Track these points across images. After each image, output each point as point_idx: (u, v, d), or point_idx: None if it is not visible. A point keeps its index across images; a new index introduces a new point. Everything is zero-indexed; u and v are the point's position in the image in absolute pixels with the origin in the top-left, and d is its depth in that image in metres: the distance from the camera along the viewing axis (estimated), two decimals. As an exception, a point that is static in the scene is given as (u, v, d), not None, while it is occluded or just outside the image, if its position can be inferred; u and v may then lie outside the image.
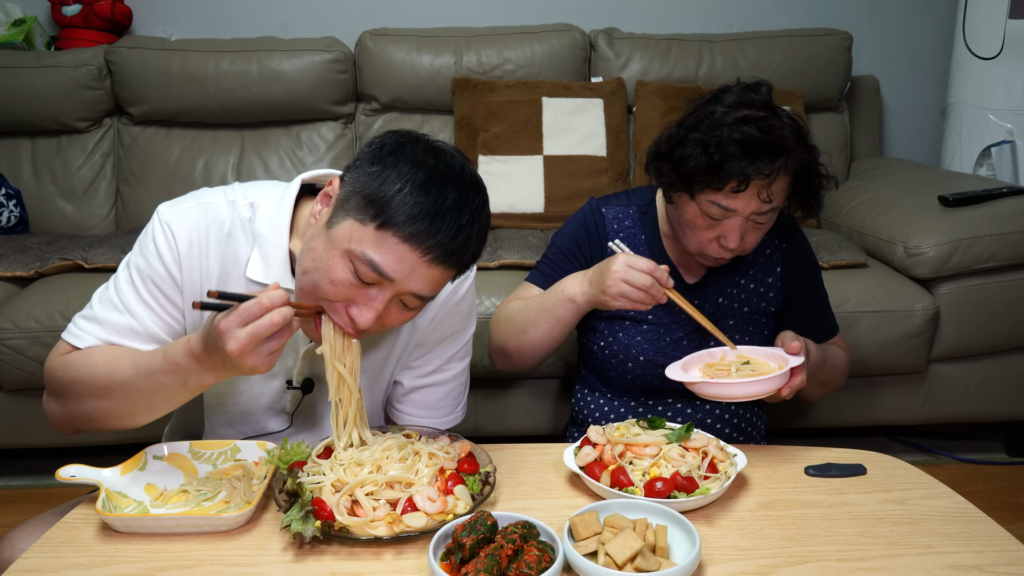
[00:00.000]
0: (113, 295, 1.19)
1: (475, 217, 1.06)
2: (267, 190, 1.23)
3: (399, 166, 1.03)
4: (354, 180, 1.06)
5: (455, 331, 1.34)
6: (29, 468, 2.29)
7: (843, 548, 1.03)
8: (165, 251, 1.16)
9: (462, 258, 1.07)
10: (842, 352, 1.63)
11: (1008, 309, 2.14)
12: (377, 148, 1.07)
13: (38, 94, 2.57)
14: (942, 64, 2.98)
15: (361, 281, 1.04)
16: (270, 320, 0.96)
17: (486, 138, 2.58)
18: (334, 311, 1.08)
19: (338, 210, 1.06)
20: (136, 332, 1.17)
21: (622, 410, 1.57)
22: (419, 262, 1.03)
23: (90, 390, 1.13)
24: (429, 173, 1.03)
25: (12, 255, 2.21)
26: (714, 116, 1.36)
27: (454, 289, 1.29)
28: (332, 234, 1.05)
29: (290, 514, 1.00)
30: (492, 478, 1.14)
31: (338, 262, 1.04)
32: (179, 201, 1.21)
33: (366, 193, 1.03)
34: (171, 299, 1.18)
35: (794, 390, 1.33)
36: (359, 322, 1.06)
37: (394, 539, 1.00)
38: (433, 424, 1.36)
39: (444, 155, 1.07)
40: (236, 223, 1.19)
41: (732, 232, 1.37)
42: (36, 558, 0.99)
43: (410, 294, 1.06)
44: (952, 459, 2.38)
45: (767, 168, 1.31)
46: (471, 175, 1.08)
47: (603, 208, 1.57)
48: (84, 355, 1.15)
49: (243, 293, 0.99)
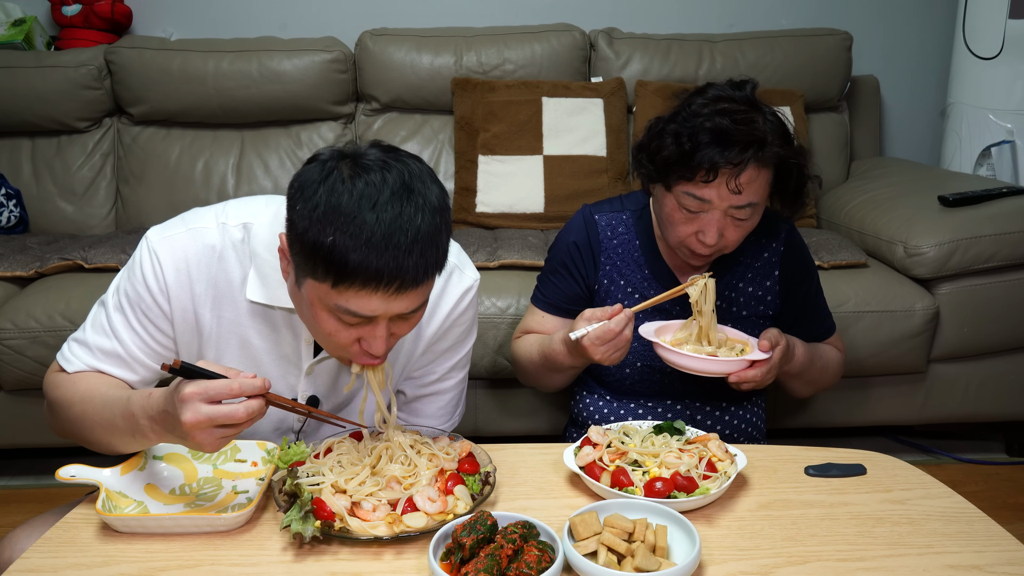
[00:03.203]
0: (103, 320, 1.20)
1: (418, 224, 0.97)
2: (259, 208, 1.20)
3: (322, 211, 0.96)
4: (294, 238, 1.01)
5: (457, 342, 1.34)
6: (29, 468, 2.29)
7: (843, 548, 1.03)
8: (152, 281, 1.16)
9: (428, 272, 1.01)
10: (835, 352, 1.64)
11: (1008, 309, 2.14)
12: (298, 191, 1.00)
13: (38, 94, 2.57)
14: (942, 64, 2.98)
15: (351, 324, 1.03)
16: (232, 411, 0.95)
17: (486, 138, 2.58)
18: (349, 352, 1.08)
19: (297, 270, 1.03)
20: (122, 358, 1.18)
21: (621, 412, 1.57)
22: (388, 297, 0.99)
23: (66, 415, 1.16)
24: (352, 206, 0.96)
25: (12, 255, 2.21)
26: (691, 108, 1.37)
27: (458, 302, 1.29)
28: (304, 294, 1.04)
29: (290, 514, 1.01)
30: (492, 478, 1.14)
31: (322, 317, 1.03)
32: (168, 226, 1.19)
33: (307, 252, 0.98)
34: (159, 327, 1.19)
35: (742, 380, 1.36)
36: (374, 353, 1.06)
37: (394, 539, 1.00)
38: (431, 430, 1.37)
39: (360, 174, 0.98)
40: (227, 246, 1.18)
41: (709, 227, 1.37)
42: (36, 558, 0.99)
43: (401, 314, 1.04)
44: (952, 459, 2.38)
45: (736, 158, 1.31)
46: (395, 179, 0.98)
47: (596, 215, 1.57)
48: (69, 381, 1.18)
49: (215, 372, 0.97)
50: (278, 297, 1.16)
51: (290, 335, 1.21)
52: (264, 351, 1.22)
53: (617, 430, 1.25)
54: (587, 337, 1.33)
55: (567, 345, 1.42)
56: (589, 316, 1.35)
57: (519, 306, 2.03)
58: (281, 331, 1.21)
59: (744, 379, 1.35)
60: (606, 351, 1.34)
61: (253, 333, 1.21)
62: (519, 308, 2.02)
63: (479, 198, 2.56)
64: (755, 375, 1.35)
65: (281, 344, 1.22)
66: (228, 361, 1.22)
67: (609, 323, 1.32)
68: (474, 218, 2.56)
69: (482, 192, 2.56)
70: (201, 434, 0.96)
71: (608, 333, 1.32)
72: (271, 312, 1.19)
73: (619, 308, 1.33)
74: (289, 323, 1.20)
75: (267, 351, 1.22)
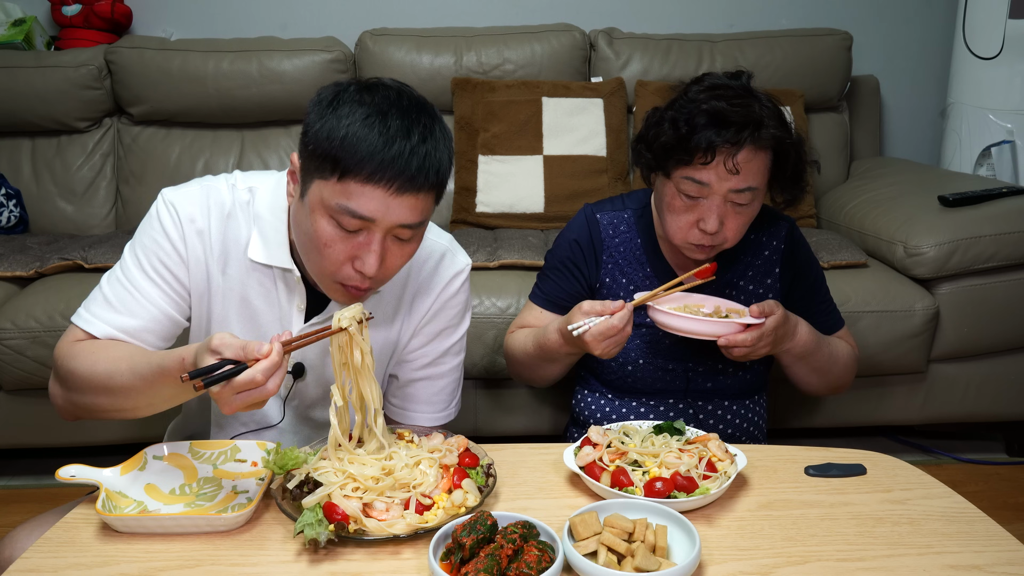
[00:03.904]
0: (120, 276, 1.22)
1: (426, 134, 1.07)
2: (265, 177, 1.28)
3: (339, 113, 1.05)
4: (307, 143, 1.09)
5: (449, 325, 1.36)
6: (29, 468, 2.29)
7: (843, 548, 1.03)
8: (171, 227, 1.20)
9: (428, 177, 1.07)
10: (845, 345, 1.62)
11: (1008, 309, 2.13)
12: (315, 103, 1.09)
13: (38, 94, 2.57)
14: (942, 64, 2.98)
15: (348, 231, 1.08)
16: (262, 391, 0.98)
17: (486, 138, 2.58)
18: (343, 273, 1.11)
19: (304, 177, 1.11)
20: (145, 308, 1.20)
21: (623, 410, 1.57)
22: (388, 196, 1.05)
23: (89, 386, 1.15)
24: (368, 110, 1.05)
25: (12, 255, 2.21)
26: (688, 96, 1.39)
27: (449, 282, 1.32)
28: (307, 201, 1.10)
29: (302, 520, 1.00)
30: (493, 469, 1.15)
31: (321, 222, 1.08)
32: (182, 185, 1.25)
33: (319, 151, 1.06)
34: (177, 276, 1.22)
35: (732, 343, 1.35)
36: (366, 270, 1.10)
37: (410, 536, 1.01)
38: (428, 419, 1.38)
39: (379, 88, 1.09)
40: (236, 205, 1.23)
41: (710, 214, 1.37)
42: (36, 558, 0.99)
43: (398, 226, 1.08)
44: (952, 459, 2.38)
45: (733, 137, 1.32)
46: (410, 97, 1.09)
47: (598, 214, 1.58)
48: (88, 349, 1.17)
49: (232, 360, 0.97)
50: (276, 257, 1.21)
51: (285, 297, 1.26)
52: (262, 311, 1.26)
53: (617, 430, 1.25)
54: (589, 333, 1.33)
55: (563, 335, 1.42)
56: (588, 309, 1.35)
57: (519, 306, 2.02)
58: (279, 291, 1.25)
59: (733, 343, 1.35)
60: (607, 346, 1.34)
61: (253, 293, 1.25)
62: (519, 308, 2.02)
63: (479, 198, 2.56)
64: (745, 339, 1.35)
65: (277, 305, 1.26)
66: (231, 319, 1.26)
67: (612, 319, 1.32)
68: (474, 218, 2.56)
69: (482, 192, 2.56)
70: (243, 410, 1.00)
71: (611, 329, 1.32)
72: (270, 272, 1.24)
73: (621, 304, 1.33)
74: (286, 283, 1.25)
75: (264, 311, 1.26)
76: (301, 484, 1.07)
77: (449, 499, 1.06)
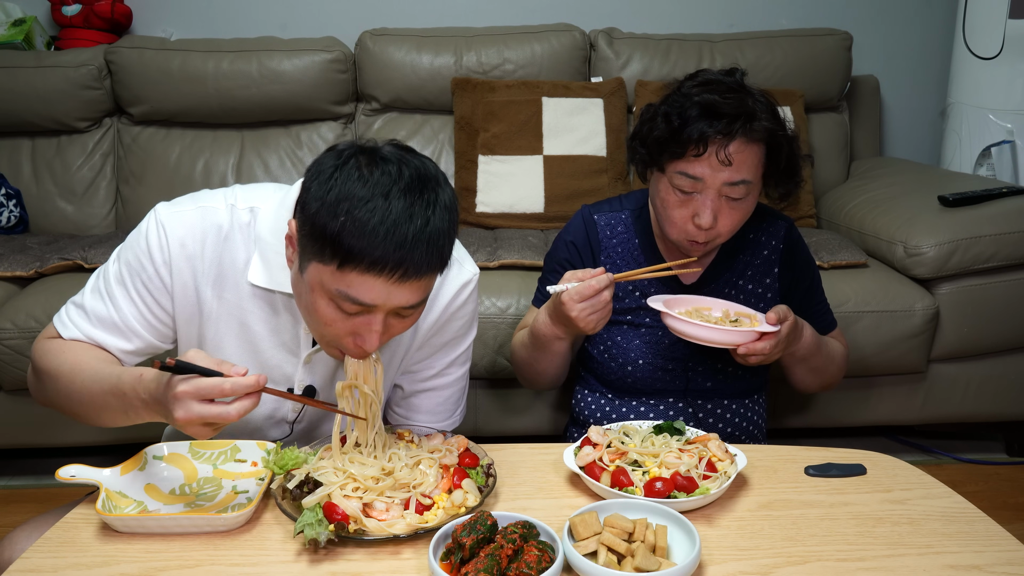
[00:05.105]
0: (102, 286, 1.21)
1: (430, 213, 1.00)
2: (268, 194, 1.22)
3: (336, 194, 0.99)
4: (304, 219, 1.02)
5: (456, 336, 1.33)
6: (29, 468, 2.29)
7: (843, 548, 1.03)
8: (156, 252, 1.17)
9: (432, 263, 1.02)
10: (839, 345, 1.64)
11: (1008, 309, 2.14)
12: (314, 175, 1.02)
13: (38, 94, 2.57)
14: (942, 64, 2.98)
15: (349, 313, 1.04)
16: (223, 412, 0.96)
17: (486, 138, 2.58)
18: (342, 344, 1.09)
19: (302, 253, 1.05)
20: (118, 327, 1.19)
21: (623, 410, 1.57)
22: (390, 284, 1.00)
23: (53, 385, 1.16)
24: (366, 192, 0.98)
25: (12, 255, 2.21)
26: (681, 91, 1.40)
27: (456, 295, 1.28)
28: (306, 279, 1.05)
29: (302, 520, 1.00)
30: (493, 469, 1.15)
31: (321, 304, 1.04)
32: (178, 202, 1.20)
33: (316, 234, 1.00)
34: (158, 300, 1.19)
35: (751, 352, 1.34)
36: (367, 347, 1.07)
37: (410, 536, 1.01)
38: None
39: (378, 163, 1.00)
40: (235, 227, 1.19)
41: (704, 208, 1.37)
42: (36, 558, 0.99)
43: (400, 308, 1.05)
44: (952, 459, 2.38)
45: (725, 128, 1.32)
46: (411, 173, 1.01)
47: (595, 215, 1.58)
48: (59, 349, 1.18)
49: (208, 368, 0.97)
50: (279, 281, 1.17)
51: (290, 322, 1.22)
52: (263, 337, 1.23)
53: (617, 430, 1.25)
54: (566, 293, 1.33)
55: (548, 312, 1.42)
56: (570, 276, 1.36)
57: (519, 306, 2.02)
58: (281, 317, 1.21)
59: (753, 351, 1.34)
60: (583, 308, 1.32)
61: (253, 318, 1.21)
62: (519, 308, 2.02)
63: (479, 198, 2.56)
64: (764, 347, 1.34)
65: (280, 331, 1.23)
66: (228, 344, 1.22)
67: (590, 280, 1.32)
68: (474, 218, 2.56)
69: (482, 192, 2.56)
70: (192, 429, 0.98)
71: (588, 289, 1.31)
72: (272, 296, 1.20)
73: (601, 270, 1.34)
74: (289, 309, 1.20)
75: (266, 337, 1.23)
76: (301, 484, 1.07)
77: (449, 499, 1.06)
